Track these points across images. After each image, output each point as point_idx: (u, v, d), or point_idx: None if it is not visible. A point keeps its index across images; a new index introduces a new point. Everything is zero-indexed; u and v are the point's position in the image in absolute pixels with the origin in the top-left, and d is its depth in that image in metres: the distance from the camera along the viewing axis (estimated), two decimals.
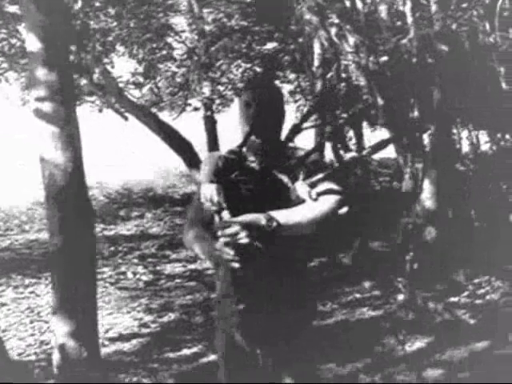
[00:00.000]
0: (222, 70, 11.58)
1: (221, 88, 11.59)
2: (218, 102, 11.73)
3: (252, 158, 2.11)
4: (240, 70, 12.64)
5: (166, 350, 4.32)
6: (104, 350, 4.38)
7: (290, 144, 2.18)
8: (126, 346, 4.48)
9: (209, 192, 1.89)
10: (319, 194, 1.94)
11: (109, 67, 9.69)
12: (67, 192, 3.04)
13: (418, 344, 4.12)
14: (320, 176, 1.97)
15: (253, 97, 2.09)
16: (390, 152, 7.96)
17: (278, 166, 2.05)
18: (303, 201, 1.94)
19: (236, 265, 1.79)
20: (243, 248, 1.76)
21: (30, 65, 3.02)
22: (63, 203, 3.04)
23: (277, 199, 1.95)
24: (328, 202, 1.92)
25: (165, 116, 11.31)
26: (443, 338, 4.14)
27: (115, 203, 10.30)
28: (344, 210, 1.93)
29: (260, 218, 1.79)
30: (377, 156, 12.56)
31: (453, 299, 4.96)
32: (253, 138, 2.09)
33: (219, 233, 1.79)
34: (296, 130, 2.20)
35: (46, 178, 3.06)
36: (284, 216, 1.83)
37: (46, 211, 3.13)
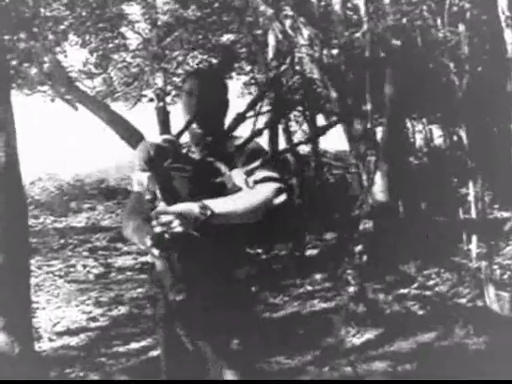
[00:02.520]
0: (177, 62, 11.46)
1: (176, 79, 11.47)
2: (173, 93, 11.61)
3: (193, 149, 2.08)
4: (196, 61, 12.54)
5: (115, 344, 4.25)
6: (51, 345, 4.31)
7: (233, 134, 2.15)
8: (73, 340, 4.39)
9: (140, 180, 1.85)
10: (256, 182, 1.91)
11: (61, 57, 9.50)
12: None
13: (367, 336, 4.15)
14: (257, 163, 1.93)
15: (195, 85, 2.06)
16: (345, 145, 8.02)
17: (217, 154, 2.01)
18: (240, 189, 1.91)
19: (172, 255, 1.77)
20: (177, 237, 1.73)
21: None
22: None
23: (213, 188, 1.91)
24: (265, 190, 1.89)
25: (119, 107, 11.17)
26: (392, 330, 4.18)
27: (66, 195, 10.11)
28: (282, 198, 1.90)
29: (193, 206, 1.75)
30: (332, 149, 12.67)
31: (403, 291, 5.02)
32: (194, 127, 2.05)
33: (153, 222, 1.75)
34: (239, 119, 2.17)
35: None
36: (218, 204, 1.79)
37: None
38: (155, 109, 9.29)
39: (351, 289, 4.93)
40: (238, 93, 12.73)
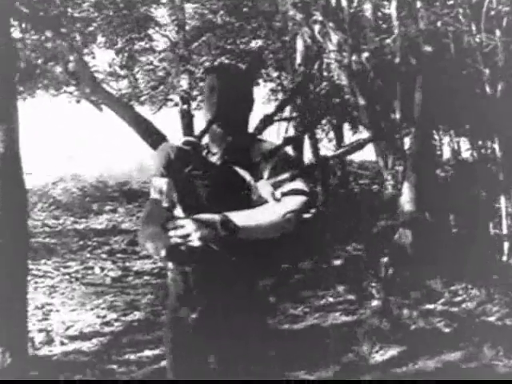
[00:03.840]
0: (204, 67, 11.38)
1: (203, 84, 11.36)
2: (199, 98, 11.53)
3: (214, 150, 1.92)
4: None
5: (127, 350, 4.12)
6: (62, 349, 4.20)
7: (258, 137, 1.99)
8: (85, 345, 4.27)
9: (158, 186, 1.70)
10: (284, 195, 1.74)
11: (89, 58, 9.47)
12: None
13: (391, 352, 3.96)
14: (286, 175, 1.77)
15: (217, 80, 1.90)
16: (370, 154, 7.84)
17: (241, 160, 1.84)
18: (265, 201, 1.75)
19: (187, 269, 1.62)
20: (196, 250, 1.59)
21: None
22: None
23: (236, 198, 1.75)
24: (292, 204, 1.73)
25: (145, 110, 11.11)
26: (417, 347, 3.99)
27: (88, 196, 10.04)
28: (310, 212, 1.74)
29: (215, 218, 1.61)
30: (357, 158, 12.48)
31: (428, 306, 4.82)
32: (216, 127, 1.90)
33: (170, 233, 1.61)
34: (267, 121, 2.02)
35: None
36: (242, 217, 1.65)
37: None
38: (179, 111, 9.19)
39: (375, 303, 4.76)
40: (264, 99, 12.61)
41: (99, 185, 10.91)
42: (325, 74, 7.96)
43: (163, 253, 1.63)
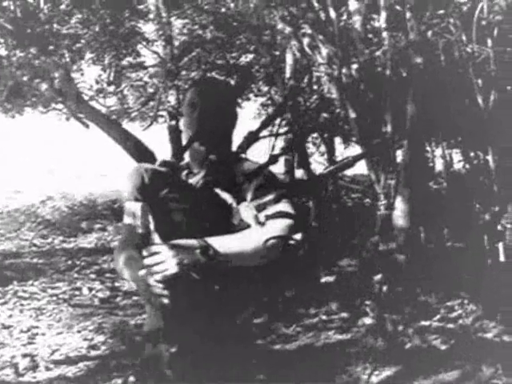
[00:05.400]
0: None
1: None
2: None
3: (196, 170, 1.81)
4: None
5: (114, 375, 3.98)
6: (47, 375, 4.06)
7: (242, 155, 1.88)
8: (71, 370, 4.12)
9: (132, 211, 1.59)
10: (268, 218, 1.63)
11: (78, 74, 9.37)
12: None
13: (386, 373, 3.84)
14: (270, 197, 1.66)
15: (198, 96, 1.79)
16: (363, 168, 7.77)
17: (224, 181, 1.73)
18: (248, 226, 1.64)
19: (165, 300, 1.51)
20: (173, 279, 1.48)
21: None
22: None
23: (217, 223, 1.63)
24: (277, 228, 1.62)
25: (136, 127, 11.01)
26: (413, 367, 3.87)
27: (78, 214, 9.90)
28: (297, 236, 1.62)
29: (194, 244, 1.50)
30: (350, 172, 12.40)
31: (424, 323, 4.70)
32: (197, 145, 1.79)
33: (146, 260, 1.50)
34: (252, 138, 1.89)
35: None
36: (223, 243, 1.53)
37: None
38: (167, 127, 9.08)
39: (369, 320, 4.64)
40: (254, 114, 12.55)
41: (89, 203, 10.79)
42: (315, 87, 7.88)
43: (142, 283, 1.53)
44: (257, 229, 1.61)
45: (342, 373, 3.88)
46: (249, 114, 12.86)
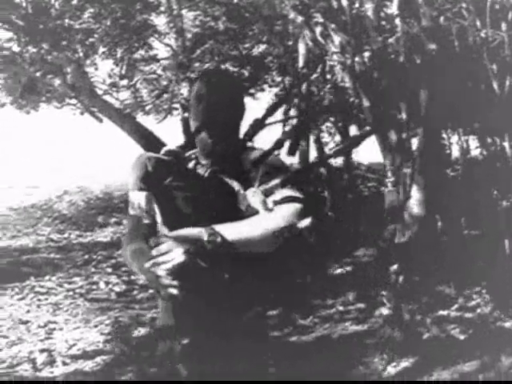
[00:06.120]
0: None
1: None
2: None
3: (203, 161, 1.79)
4: None
5: (130, 369, 3.98)
6: (64, 370, 4.07)
7: (248, 144, 1.85)
8: (88, 365, 4.14)
9: (136, 202, 1.57)
10: (276, 203, 1.60)
11: (92, 69, 9.39)
12: None
13: (404, 364, 3.80)
14: (276, 181, 1.63)
15: (205, 88, 1.77)
16: (379, 157, 7.71)
17: (231, 170, 1.71)
18: (256, 212, 1.61)
19: (174, 291, 1.48)
20: (181, 269, 1.45)
21: None
22: None
23: (224, 209, 1.61)
24: (285, 213, 1.59)
25: (151, 120, 11.02)
26: (431, 357, 3.83)
27: (94, 208, 9.94)
28: (306, 221, 1.58)
29: (201, 232, 1.48)
30: (366, 160, 12.31)
31: (441, 313, 4.65)
32: (204, 137, 1.76)
33: (153, 251, 1.48)
34: (258, 125, 1.87)
35: None
36: (231, 230, 1.51)
37: None
38: (180, 120, 9.07)
39: (386, 311, 4.60)
40: (269, 104, 12.50)
41: (105, 196, 10.82)
42: (328, 76, 7.82)
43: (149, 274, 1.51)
44: (265, 215, 1.58)
45: (359, 364, 3.85)
46: (263, 105, 12.81)
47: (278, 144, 1.78)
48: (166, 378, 1.78)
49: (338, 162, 10.64)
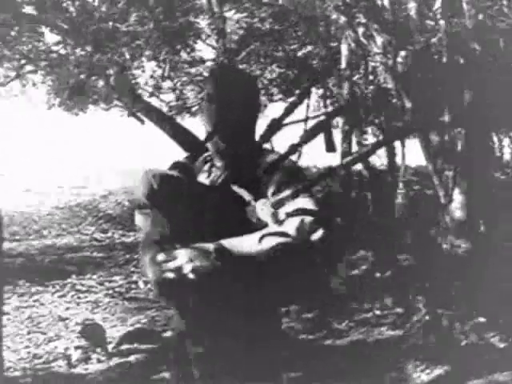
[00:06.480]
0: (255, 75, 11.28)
1: None
2: None
3: (218, 164, 1.75)
4: (274, 75, 12.37)
5: (163, 369, 3.99)
6: (97, 367, 4.12)
7: (265, 146, 1.80)
8: (122, 363, 4.18)
9: (139, 222, 1.56)
10: (288, 215, 1.53)
11: (139, 71, 9.52)
12: None
13: (438, 371, 3.70)
14: (289, 192, 1.55)
15: (216, 87, 1.72)
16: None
17: (245, 175, 1.65)
18: (267, 224, 1.56)
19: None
20: (190, 283, 1.45)
21: None
22: None
23: (233, 223, 1.56)
24: (295, 226, 1.52)
25: (197, 122, 11.10)
26: (468, 365, 3.72)
27: None
28: (318, 234, 1.52)
29: (209, 247, 1.46)
30: (413, 163, 12.10)
31: (481, 319, 4.52)
32: (217, 139, 1.73)
33: (163, 266, 1.47)
34: (275, 126, 1.81)
35: None
36: (239, 244, 1.48)
37: None
38: None
39: (423, 316, 4.50)
40: (314, 106, 12.44)
41: None
42: (370, 77, 7.73)
43: (155, 290, 1.54)
44: (274, 228, 1.53)
45: (393, 370, 3.78)
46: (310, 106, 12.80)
47: (293, 149, 1.71)
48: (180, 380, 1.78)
49: (383, 164, 10.49)
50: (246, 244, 1.48)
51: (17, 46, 8.61)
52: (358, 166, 9.14)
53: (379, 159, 8.85)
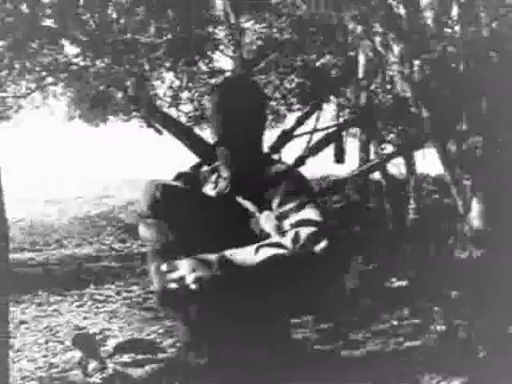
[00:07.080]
0: (274, 86, 11.30)
1: (273, 103, 11.29)
2: (270, 117, 11.44)
3: (225, 174, 1.76)
4: (293, 84, 12.37)
5: (178, 378, 4.00)
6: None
7: (274, 157, 1.81)
8: (137, 373, 4.19)
9: (142, 233, 1.57)
10: (292, 227, 1.53)
11: (159, 82, 9.57)
12: None
13: (455, 383, 3.66)
14: (292, 204, 1.57)
15: (222, 98, 1.73)
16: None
17: (251, 186, 1.66)
18: (270, 236, 1.56)
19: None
20: (193, 294, 1.45)
21: None
22: None
23: (237, 234, 1.56)
24: (299, 238, 1.51)
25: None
26: (484, 376, 3.67)
27: None
28: (322, 245, 1.51)
29: (212, 259, 1.46)
30: (433, 172, 12.03)
31: (498, 329, 4.45)
32: (223, 150, 1.74)
33: (167, 276, 1.48)
34: (285, 137, 1.83)
35: None
36: (242, 255, 1.47)
37: None
38: None
39: (439, 327, 4.45)
40: (332, 115, 12.44)
41: None
42: (388, 86, 7.71)
43: (157, 300, 1.55)
44: (277, 239, 1.53)
45: (408, 381, 3.74)
46: (327, 116, 12.80)
47: (300, 161, 1.72)
48: None
49: (402, 173, 10.44)
50: (248, 255, 1.49)
51: (38, 58, 8.72)
52: (376, 175, 9.13)
53: (397, 168, 8.83)
